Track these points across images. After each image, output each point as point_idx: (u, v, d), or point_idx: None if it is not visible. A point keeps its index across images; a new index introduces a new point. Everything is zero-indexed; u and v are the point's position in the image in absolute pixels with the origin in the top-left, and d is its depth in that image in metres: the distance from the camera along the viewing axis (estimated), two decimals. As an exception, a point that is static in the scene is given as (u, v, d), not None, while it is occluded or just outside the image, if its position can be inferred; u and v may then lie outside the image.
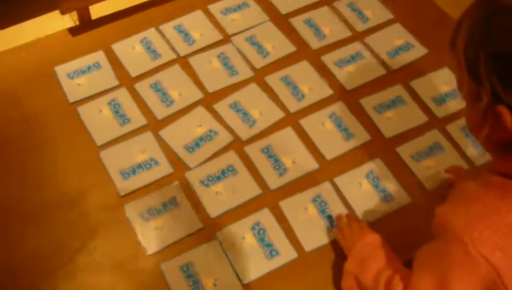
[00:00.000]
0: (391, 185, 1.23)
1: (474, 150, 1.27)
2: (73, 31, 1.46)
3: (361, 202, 1.20)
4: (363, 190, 1.22)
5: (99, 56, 1.42)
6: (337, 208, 1.19)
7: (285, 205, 1.19)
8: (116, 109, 1.32)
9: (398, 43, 1.48)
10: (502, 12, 0.71)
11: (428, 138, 1.30)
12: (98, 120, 1.31)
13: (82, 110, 1.32)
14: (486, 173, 0.79)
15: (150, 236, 1.15)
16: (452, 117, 1.34)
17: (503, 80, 0.68)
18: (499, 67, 0.68)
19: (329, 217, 1.17)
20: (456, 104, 1.35)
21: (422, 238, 0.84)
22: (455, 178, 1.19)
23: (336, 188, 1.22)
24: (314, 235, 1.15)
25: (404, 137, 1.30)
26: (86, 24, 1.48)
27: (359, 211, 1.19)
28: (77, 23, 1.48)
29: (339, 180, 1.23)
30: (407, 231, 1.14)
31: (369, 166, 1.26)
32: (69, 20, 1.47)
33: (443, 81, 1.40)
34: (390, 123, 1.32)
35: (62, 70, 1.39)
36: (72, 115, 1.32)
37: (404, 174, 1.25)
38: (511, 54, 0.67)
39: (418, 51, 1.46)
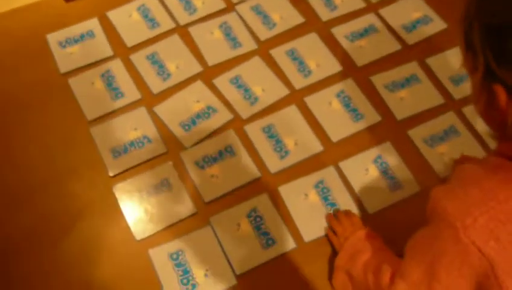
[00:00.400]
0: (400, 172, 1.14)
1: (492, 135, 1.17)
2: (68, -4, 1.38)
3: (367, 190, 1.12)
4: (370, 176, 1.14)
5: (93, 24, 1.33)
6: (341, 196, 1.11)
7: (284, 190, 1.11)
8: (109, 81, 1.24)
9: (415, 16, 1.36)
10: None
11: (443, 120, 1.20)
12: (90, 93, 1.23)
13: (73, 82, 1.24)
14: (490, 154, 0.74)
15: (139, 220, 1.08)
16: (470, 99, 1.23)
17: (496, 54, 0.63)
18: (491, 40, 0.64)
19: (332, 205, 1.10)
20: (475, 84, 1.24)
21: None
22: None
23: (340, 173, 1.14)
24: (315, 225, 1.08)
25: (418, 119, 1.21)
26: (81, -11, 1.39)
27: (364, 199, 1.11)
28: (71, -13, 1.39)
29: (344, 164, 1.15)
30: (416, 221, 1.05)
31: (378, 150, 1.17)
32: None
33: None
34: (403, 104, 1.22)
35: (54, 38, 1.31)
36: (63, 86, 1.24)
37: (416, 160, 1.16)
38: (504, 27, 0.62)
39: (437, 25, 1.35)
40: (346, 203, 1.10)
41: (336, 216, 1.07)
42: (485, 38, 0.64)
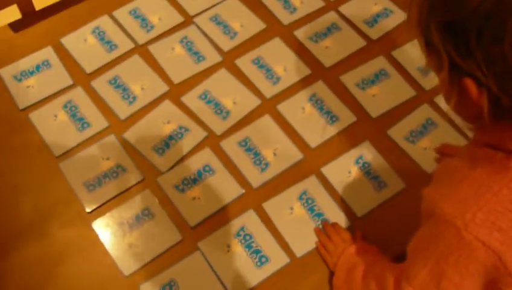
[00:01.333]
0: (383, 170, 1.13)
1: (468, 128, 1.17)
2: (16, 26, 1.30)
3: (352, 193, 1.10)
4: (353, 178, 1.12)
5: (48, 53, 1.26)
6: (326, 204, 1.09)
7: (269, 206, 1.08)
8: (72, 112, 1.19)
9: (375, 9, 1.35)
10: None
11: (419, 114, 1.19)
12: (54, 127, 1.17)
13: (35, 116, 1.18)
14: (471, 146, 0.72)
15: (125, 255, 1.03)
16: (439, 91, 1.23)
17: (458, 49, 0.62)
18: (451, 36, 0.63)
19: (319, 216, 1.07)
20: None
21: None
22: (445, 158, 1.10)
23: (323, 179, 1.12)
24: (305, 239, 1.05)
25: (393, 114, 1.20)
26: (29, 17, 1.32)
27: (351, 203, 1.09)
28: (19, 16, 1.31)
29: (326, 169, 1.13)
30: (406, 218, 1.04)
31: (358, 151, 1.15)
32: (10, 13, 1.30)
33: (428, 48, 1.28)
34: (376, 101, 1.21)
35: (8, 73, 1.24)
36: (24, 123, 1.18)
37: (396, 156, 1.15)
38: (459, 21, 0.61)
39: (398, 16, 1.34)
40: (333, 210, 1.08)
41: (324, 230, 1.05)
42: (444, 36, 0.63)
